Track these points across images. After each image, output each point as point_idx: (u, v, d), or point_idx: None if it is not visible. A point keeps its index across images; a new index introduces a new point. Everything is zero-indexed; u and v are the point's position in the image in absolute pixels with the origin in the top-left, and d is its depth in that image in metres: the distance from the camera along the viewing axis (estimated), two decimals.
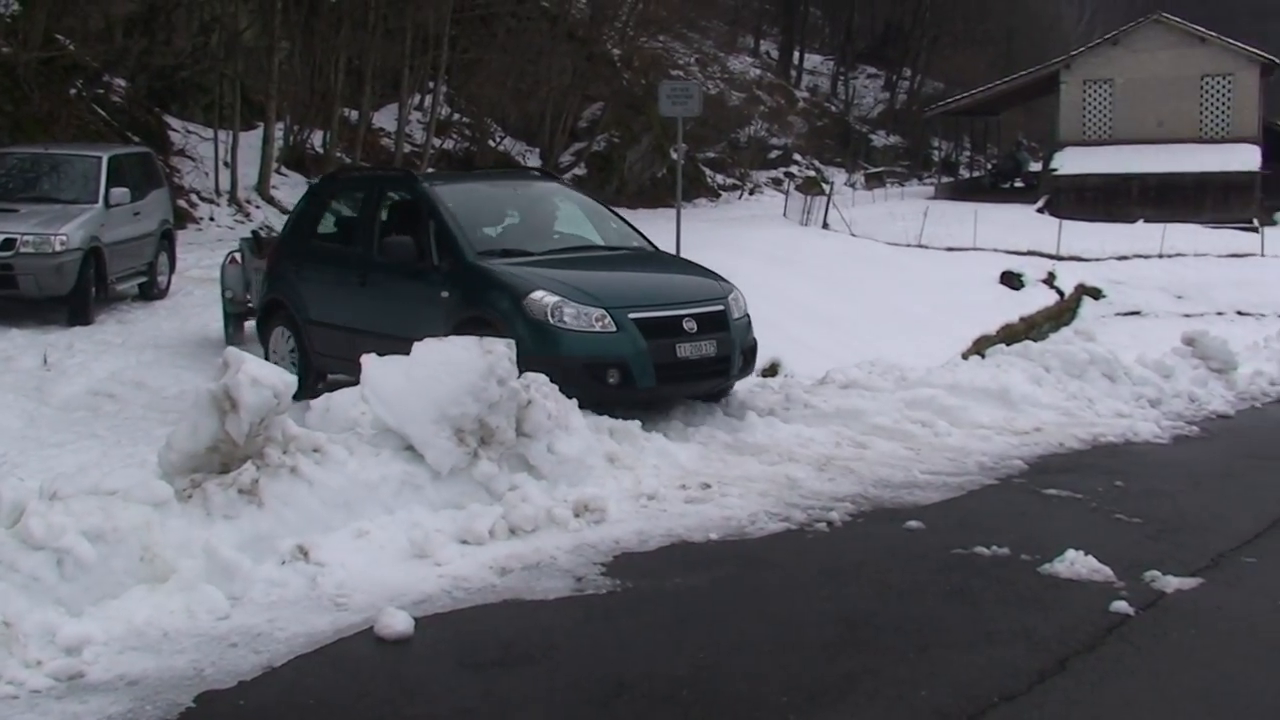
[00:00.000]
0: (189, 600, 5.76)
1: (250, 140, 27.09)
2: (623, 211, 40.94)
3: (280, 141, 28.37)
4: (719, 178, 49.85)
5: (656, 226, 26.97)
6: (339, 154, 28.97)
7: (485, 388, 7.28)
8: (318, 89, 28.94)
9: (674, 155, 20.33)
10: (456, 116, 36.26)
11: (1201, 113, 45.71)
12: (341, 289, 10.70)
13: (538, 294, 9.25)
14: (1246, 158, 43.46)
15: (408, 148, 32.61)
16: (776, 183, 52.22)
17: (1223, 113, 45.64)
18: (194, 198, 25.25)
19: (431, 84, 33.77)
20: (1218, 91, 45.64)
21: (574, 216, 11.28)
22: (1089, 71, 47.02)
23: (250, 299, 13.02)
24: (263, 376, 6.57)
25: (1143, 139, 44.68)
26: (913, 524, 7.42)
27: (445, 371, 7.30)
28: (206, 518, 6.33)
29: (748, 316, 10.11)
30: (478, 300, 9.50)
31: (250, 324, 13.19)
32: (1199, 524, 7.56)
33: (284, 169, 28.43)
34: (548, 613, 5.92)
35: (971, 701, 4.91)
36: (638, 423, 8.74)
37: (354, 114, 30.18)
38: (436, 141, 33.74)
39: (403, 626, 5.55)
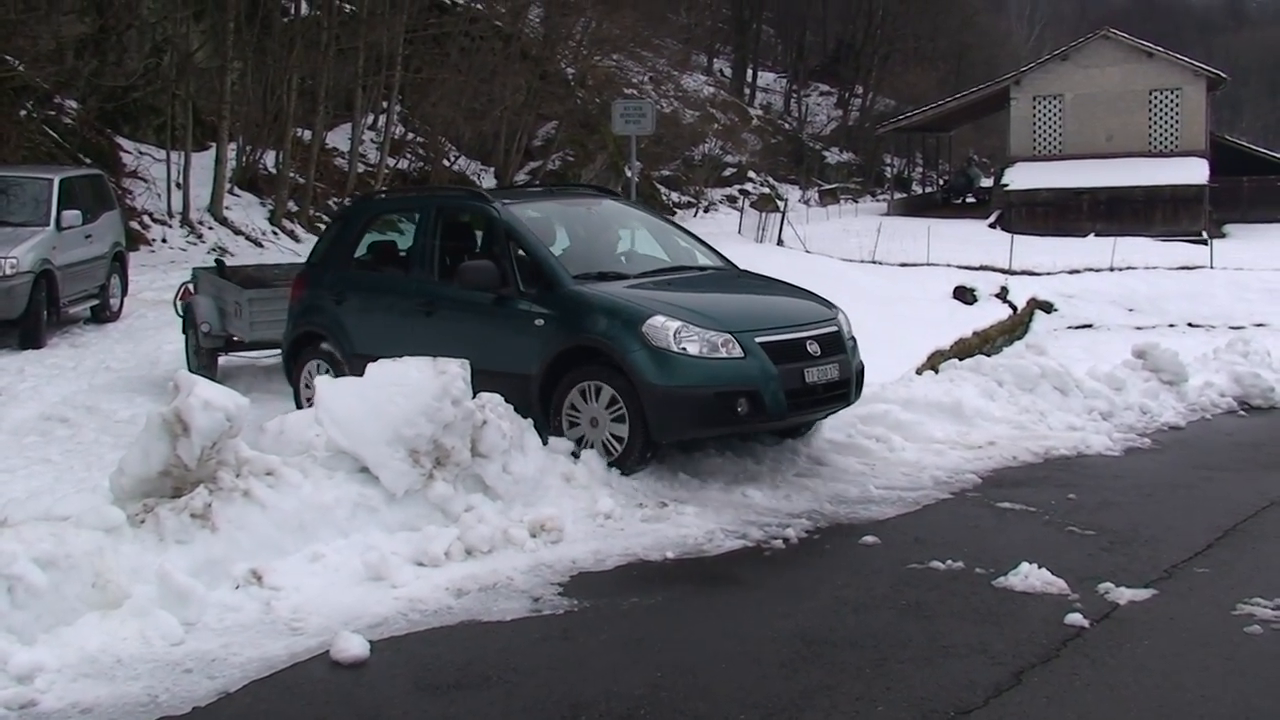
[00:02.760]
0: (142, 626, 5.71)
1: (203, 161, 26.93)
2: None
3: (233, 162, 28.20)
4: (674, 195, 49.96)
5: None
6: (292, 174, 28.84)
7: (440, 408, 7.27)
8: (270, 109, 28.80)
9: (628, 173, 20.37)
10: (410, 136, 36.18)
11: (1150, 127, 46.22)
12: (399, 320, 9.84)
13: (658, 319, 8.50)
14: (1195, 171, 43.96)
15: (361, 167, 32.51)
16: (731, 200, 52.39)
17: (1171, 127, 46.16)
18: (146, 219, 25.05)
19: (385, 103, 33.69)
20: (1166, 106, 46.17)
21: (649, 235, 10.69)
22: (1039, 87, 47.46)
23: (233, 332, 12.27)
24: (214, 399, 6.53)
25: (1093, 153, 45.14)
26: (868, 539, 7.46)
27: (399, 392, 7.27)
28: (159, 543, 6.28)
29: (854, 338, 9.59)
30: (584, 327, 8.71)
31: (224, 359, 12.77)
32: (1151, 535, 7.63)
33: (237, 189, 28.27)
34: (505, 634, 5.90)
35: (928, 716, 4.94)
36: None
37: (307, 134, 30.06)
38: (391, 161, 33.64)
39: (358, 650, 5.52)
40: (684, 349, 8.41)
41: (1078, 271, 32.94)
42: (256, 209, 28.16)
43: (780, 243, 37.51)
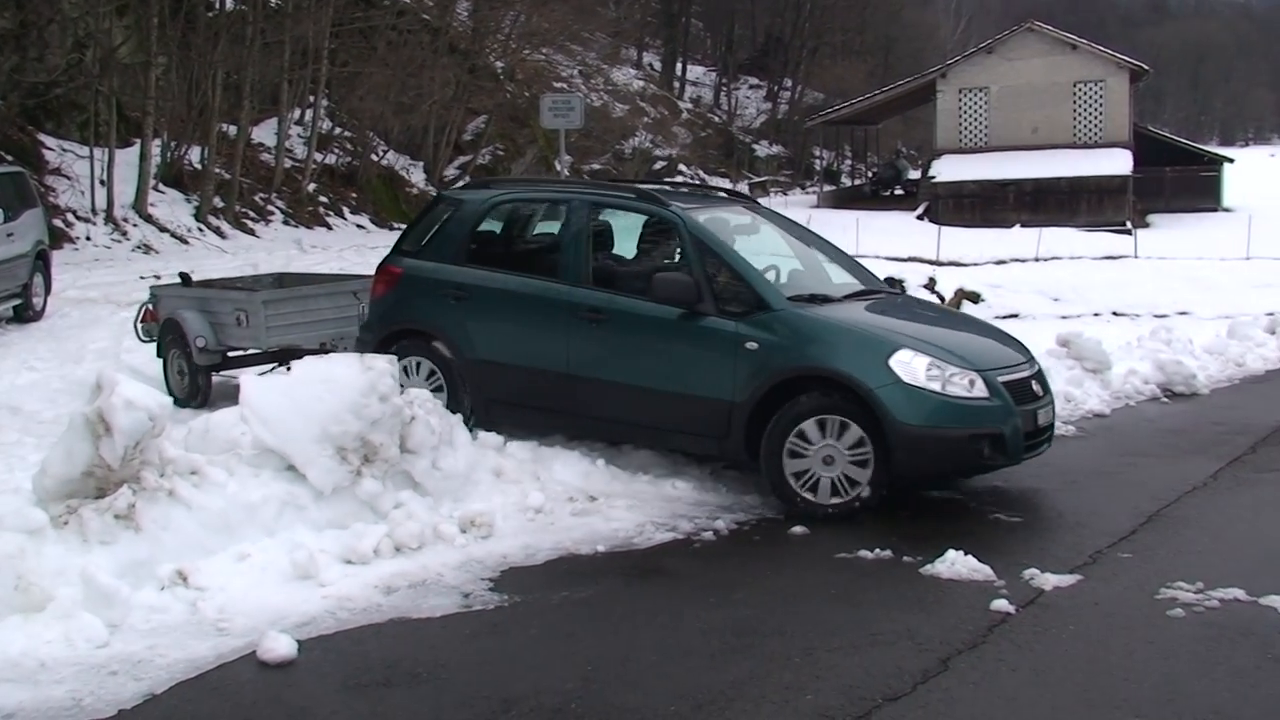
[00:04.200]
0: (66, 629, 5.63)
1: (127, 157, 26.61)
2: None
3: (157, 158, 27.88)
4: None
5: None
6: (218, 170, 28.54)
7: (367, 405, 7.22)
8: (195, 104, 28.50)
9: (558, 167, 20.33)
10: (338, 130, 35.93)
11: (1074, 119, 46.74)
12: (553, 327, 8.84)
13: (905, 353, 7.84)
14: (1119, 162, 44.50)
15: (288, 163, 32.24)
16: None
17: (1095, 118, 46.71)
18: (70, 217, 24.72)
19: (311, 98, 33.44)
20: (1090, 98, 46.71)
21: (804, 247, 9.68)
22: (965, 80, 47.85)
23: (237, 343, 11.21)
24: (137, 399, 6.44)
25: (1018, 145, 45.56)
26: (797, 530, 7.51)
27: (326, 389, 7.21)
28: (83, 544, 6.19)
29: None
30: (815, 355, 7.95)
31: (219, 376, 11.67)
32: (1076, 522, 7.74)
33: (161, 186, 27.95)
34: (435, 630, 5.88)
35: (857, 703, 4.98)
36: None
37: (232, 129, 29.77)
38: (318, 156, 33.39)
39: (286, 649, 5.48)
40: (936, 387, 7.78)
41: (1004, 262, 33.24)
42: (182, 205, 27.86)
43: None
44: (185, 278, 12.20)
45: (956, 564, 6.63)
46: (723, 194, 11.18)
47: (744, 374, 8.07)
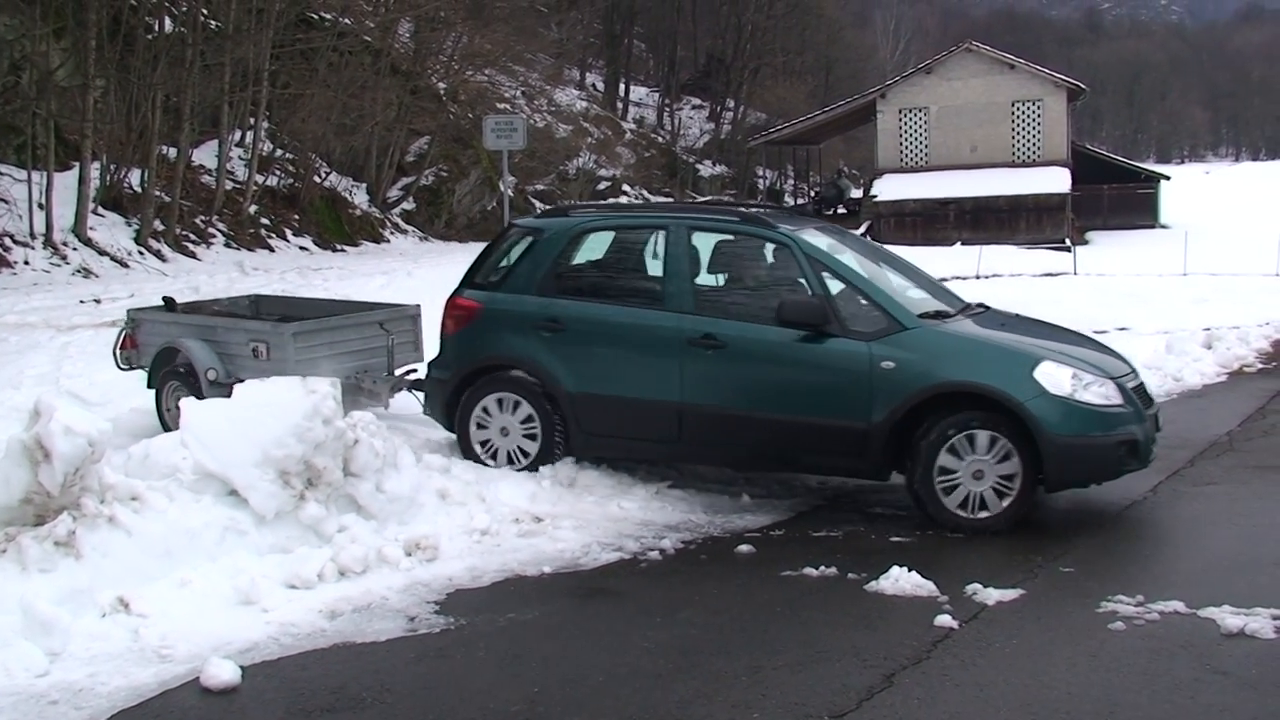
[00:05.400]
0: (5, 658, 5.56)
1: (65, 181, 26.29)
2: (454, 246, 40.47)
3: (96, 181, 27.57)
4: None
5: None
6: (158, 193, 28.29)
7: (310, 428, 7.18)
8: (135, 127, 28.23)
9: (502, 188, 20.33)
10: (279, 152, 35.71)
11: (1013, 138, 47.24)
12: (661, 355, 8.61)
13: (1049, 365, 7.93)
14: (1057, 180, 45.01)
15: (229, 184, 32.01)
16: None
17: (1033, 137, 47.24)
18: (7, 241, 24.40)
19: (252, 120, 33.23)
20: (1028, 117, 47.24)
21: (890, 268, 9.46)
22: (904, 100, 48.27)
23: (251, 377, 10.29)
24: (76, 424, 6.37)
25: (958, 164, 46.00)
26: (743, 548, 7.54)
27: (268, 413, 7.17)
28: (22, 572, 6.11)
29: None
30: (959, 371, 7.98)
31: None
32: (1019, 537, 7.81)
33: (101, 209, 27.63)
34: (379, 655, 5.85)
35: None
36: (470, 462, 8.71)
37: (172, 151, 29.53)
38: (259, 178, 33.18)
39: (229, 676, 5.43)
40: (1080, 397, 7.89)
41: (945, 279, 33.55)
42: (122, 229, 27.57)
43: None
44: (170, 302, 11.53)
45: (900, 580, 6.67)
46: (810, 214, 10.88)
47: (881, 394, 8.04)
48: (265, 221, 32.79)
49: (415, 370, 10.50)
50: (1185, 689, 5.33)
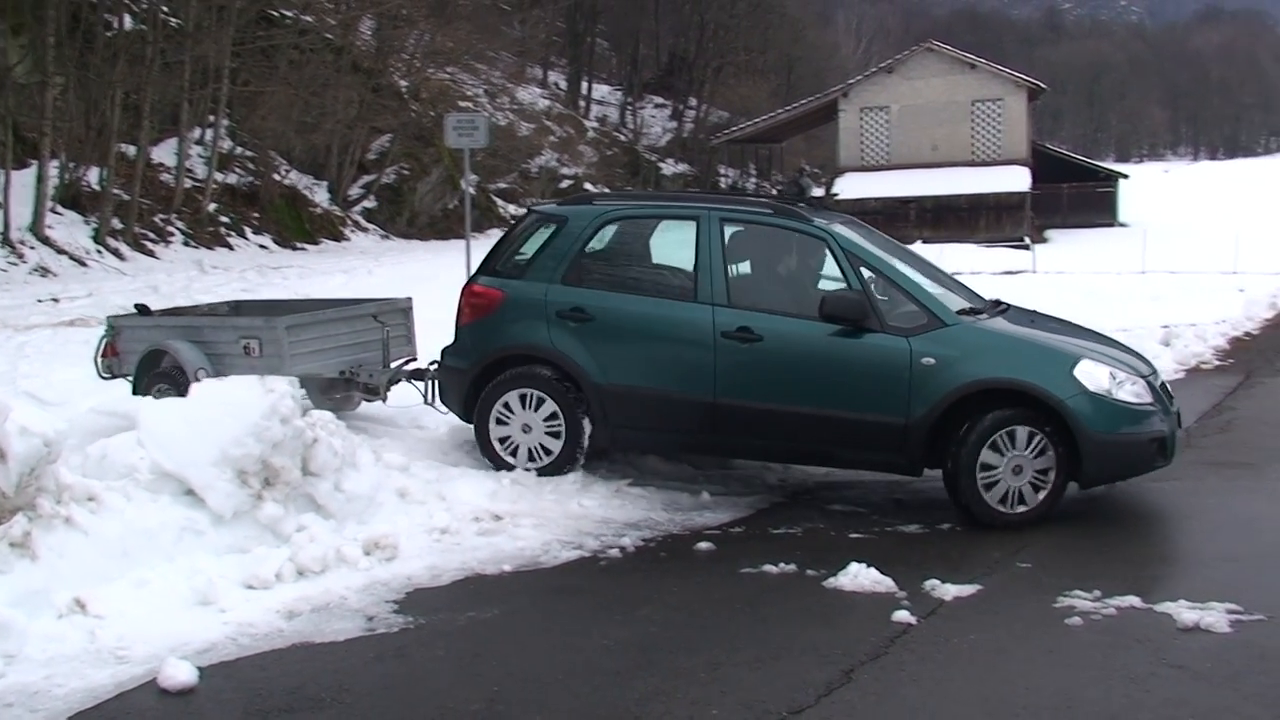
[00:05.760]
0: None
1: (23, 179, 26.07)
2: (415, 244, 40.38)
3: (55, 179, 27.36)
4: (511, 208, 49.85)
5: (449, 258, 26.87)
6: (117, 191, 28.08)
7: (268, 427, 7.14)
8: (94, 125, 28.04)
9: (464, 186, 20.27)
10: (239, 150, 35.52)
11: (973, 137, 47.47)
12: (688, 349, 8.50)
13: (1087, 363, 8.04)
14: (1017, 179, 45.27)
15: (189, 183, 31.82)
16: None
17: (993, 136, 47.49)
18: None
19: (212, 117, 33.04)
20: (988, 116, 47.48)
21: (915, 266, 9.28)
22: (866, 99, 48.43)
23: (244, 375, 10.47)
24: (32, 425, 6.31)
25: (919, 163, 46.21)
26: (703, 546, 7.55)
27: (225, 412, 7.12)
28: None
29: None
30: (999, 369, 8.02)
31: None
32: (977, 532, 7.87)
33: (59, 208, 27.43)
34: (338, 654, 5.82)
35: (761, 717, 5.01)
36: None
37: (132, 149, 29.32)
38: (219, 176, 32.99)
39: (186, 677, 5.39)
40: (1117, 395, 8.01)
41: None
42: (80, 227, 27.37)
43: None
44: (143, 309, 11.29)
45: (859, 576, 6.70)
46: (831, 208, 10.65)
47: (921, 390, 8.06)
48: (225, 220, 32.63)
49: (414, 361, 10.43)
50: (1141, 683, 5.37)
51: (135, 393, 10.22)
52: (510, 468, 8.75)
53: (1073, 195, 50.85)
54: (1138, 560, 7.32)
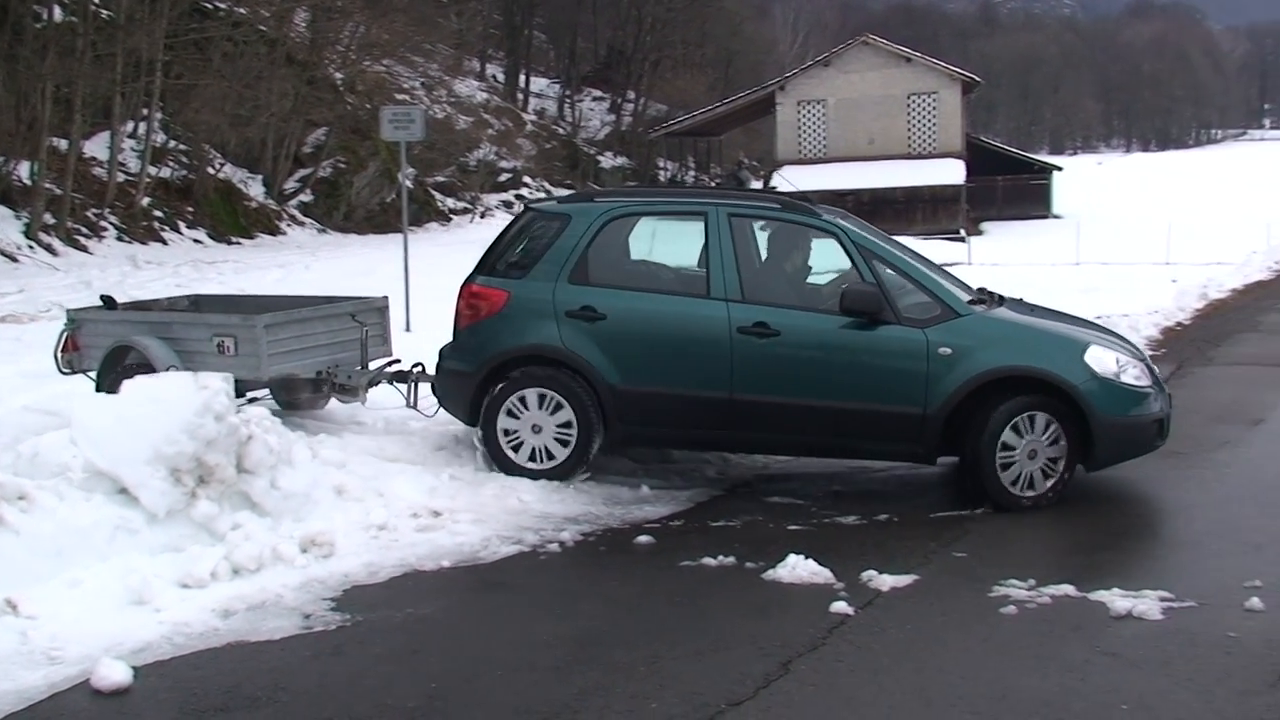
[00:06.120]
0: None
1: None
2: (352, 238, 40.03)
3: None
4: (449, 201, 49.68)
5: (387, 252, 26.73)
6: (48, 185, 27.69)
7: (201, 424, 7.06)
8: (24, 118, 27.60)
9: (401, 180, 20.14)
10: (173, 144, 35.12)
11: (909, 130, 47.85)
12: (704, 346, 8.45)
13: (1096, 349, 8.31)
14: (952, 172, 45.72)
15: (122, 177, 31.42)
16: (508, 205, 52.28)
17: (929, 129, 47.88)
18: None
19: (145, 111, 32.64)
20: (924, 109, 47.86)
21: (914, 258, 9.32)
22: (803, 93, 48.68)
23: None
24: None
25: (855, 156, 46.54)
26: (642, 539, 7.56)
27: (158, 409, 7.04)
28: None
29: None
30: (1015, 357, 8.22)
31: None
32: (914, 523, 7.93)
33: None
34: (274, 653, 5.77)
35: (700, 709, 5.02)
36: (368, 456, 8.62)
37: (63, 143, 28.91)
38: (152, 170, 32.60)
39: (120, 677, 5.33)
40: (1123, 379, 8.28)
41: None
42: (10, 222, 26.97)
43: None
44: (109, 301, 10.79)
45: (797, 568, 6.73)
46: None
47: (939, 380, 8.19)
48: (159, 214, 32.26)
49: (398, 362, 10.19)
50: (1076, 671, 5.44)
51: (99, 390, 9.82)
52: (520, 471, 8.63)
53: (1007, 188, 51.41)
54: (1072, 549, 7.41)
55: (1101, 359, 8.27)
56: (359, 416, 10.24)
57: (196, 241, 32.44)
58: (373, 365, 10.12)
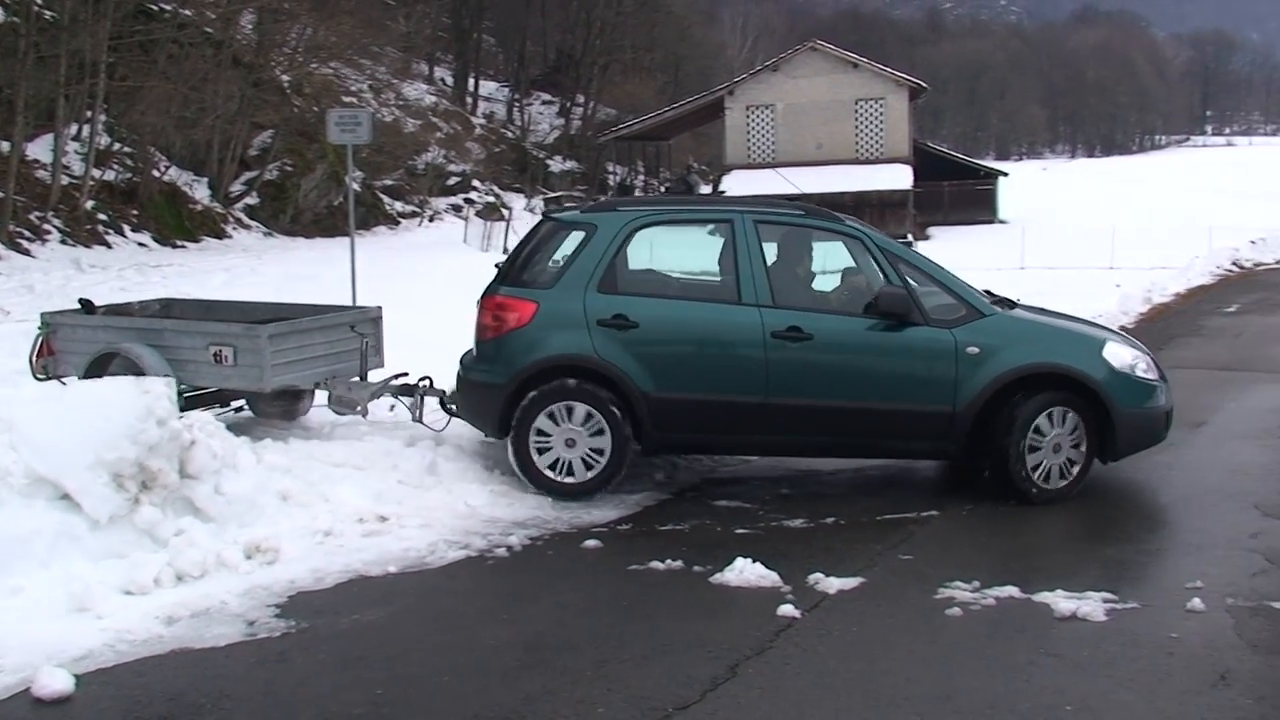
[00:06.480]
0: None
1: None
2: (299, 241, 39.81)
3: None
4: (398, 205, 49.44)
5: (334, 255, 26.58)
6: None
7: (144, 429, 6.99)
8: None
9: (348, 183, 20.04)
10: (117, 146, 34.76)
11: (857, 135, 48.10)
12: (739, 351, 8.51)
13: (1112, 345, 8.78)
14: (900, 176, 46.00)
15: (65, 179, 31.08)
16: (456, 209, 52.17)
17: (876, 134, 48.14)
18: None
19: (89, 113, 32.30)
20: (871, 114, 48.12)
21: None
22: (752, 98, 48.82)
23: (216, 384, 9.70)
24: None
25: (804, 161, 46.72)
26: (591, 543, 7.55)
27: (100, 414, 6.96)
28: None
29: None
30: (1040, 354, 8.53)
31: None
32: (862, 525, 7.96)
33: None
34: (218, 660, 5.72)
35: (647, 714, 5.03)
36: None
37: (5, 145, 28.56)
38: (96, 172, 32.27)
39: (62, 685, 5.27)
40: (1137, 373, 8.66)
41: None
42: None
43: (505, 251, 37.54)
44: (87, 304, 10.43)
45: (745, 571, 6.75)
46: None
47: (967, 378, 8.46)
48: (103, 217, 31.93)
49: (405, 375, 9.94)
50: (1020, 672, 5.48)
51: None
52: (553, 484, 8.58)
53: (954, 193, 51.78)
54: (1016, 551, 7.46)
55: (1118, 354, 8.65)
56: (306, 421, 10.17)
57: (141, 245, 32.12)
58: (374, 376, 9.94)
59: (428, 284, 20.82)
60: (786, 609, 6.22)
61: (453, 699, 5.22)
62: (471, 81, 70.38)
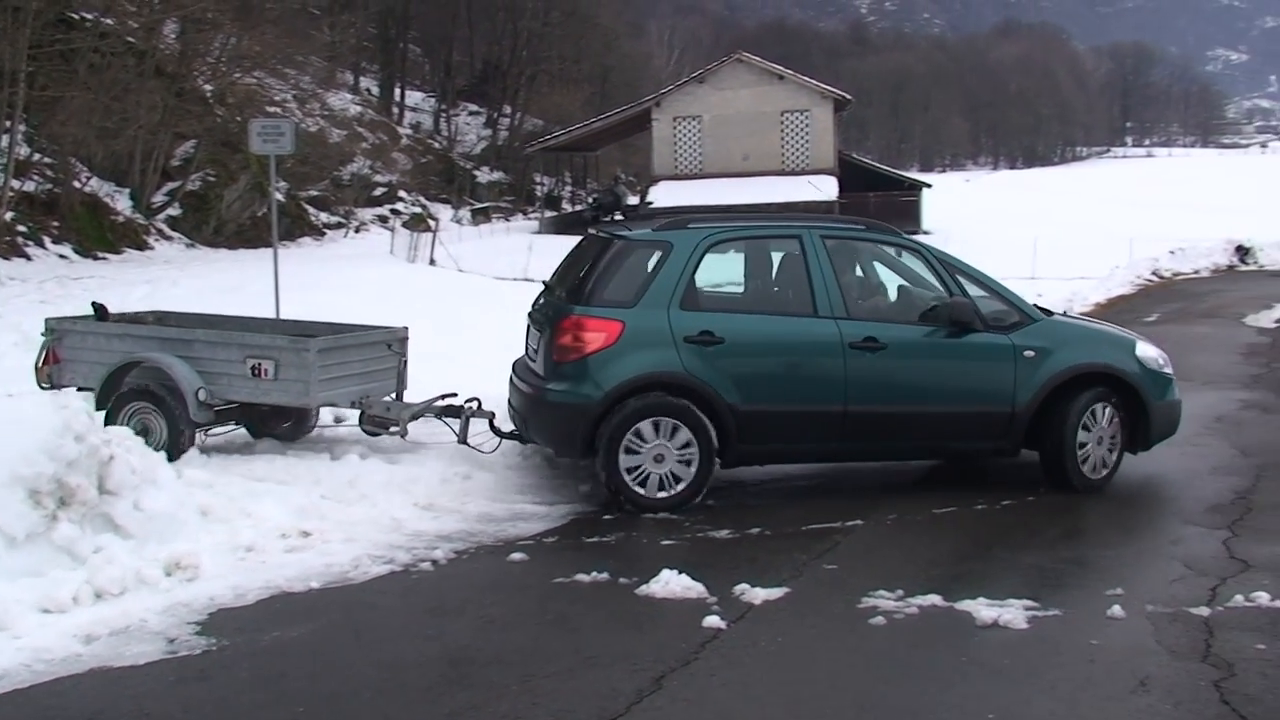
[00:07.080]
0: None
1: None
2: (222, 253, 39.28)
3: None
4: (323, 216, 49.03)
5: (258, 267, 26.30)
6: None
7: (61, 445, 6.88)
8: None
9: (272, 193, 19.86)
10: (37, 157, 34.21)
11: (783, 146, 48.42)
12: (821, 362, 8.79)
13: (1141, 344, 9.59)
14: (825, 188, 46.33)
15: None
16: (382, 220, 51.82)
17: (802, 146, 48.48)
18: None
19: (8, 123, 31.77)
20: (797, 126, 48.46)
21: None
22: (678, 109, 49.02)
23: (257, 399, 9.40)
24: None
25: (731, 172, 46.96)
26: (516, 556, 7.53)
27: (15, 429, 6.85)
28: None
29: None
30: (1087, 355, 9.26)
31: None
32: (787, 536, 8.00)
33: None
34: (138, 679, 5.64)
35: None
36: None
37: None
38: (15, 183, 31.73)
39: None
40: (1162, 369, 9.50)
41: (720, 286, 34.08)
42: None
43: (433, 262, 37.36)
44: (100, 310, 10.12)
45: (670, 583, 6.76)
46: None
47: (1025, 380, 9.06)
48: (22, 229, 31.39)
49: (454, 396, 9.81)
50: (942, 680, 5.53)
51: (99, 409, 9.08)
52: (644, 500, 8.60)
53: (879, 204, 52.13)
54: (939, 560, 7.53)
55: (1148, 353, 9.47)
56: (230, 437, 10.05)
57: (62, 257, 31.61)
58: (410, 397, 9.88)
59: (356, 296, 20.64)
60: (712, 620, 6.24)
61: (375, 716, 5.18)
62: (398, 91, 70.05)
